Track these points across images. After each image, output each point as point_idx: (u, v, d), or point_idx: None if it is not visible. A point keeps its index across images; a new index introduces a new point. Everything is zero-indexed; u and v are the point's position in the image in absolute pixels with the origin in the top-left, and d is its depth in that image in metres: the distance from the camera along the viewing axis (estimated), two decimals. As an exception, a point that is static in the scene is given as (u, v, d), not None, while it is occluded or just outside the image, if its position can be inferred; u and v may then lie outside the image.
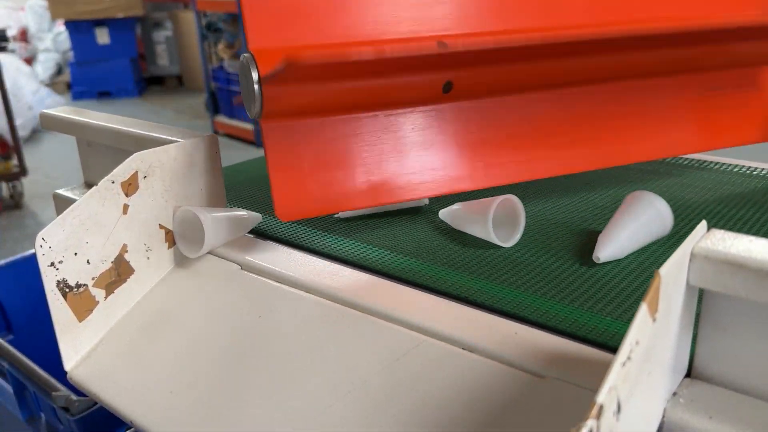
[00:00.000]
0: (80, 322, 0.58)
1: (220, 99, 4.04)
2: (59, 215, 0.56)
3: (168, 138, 0.66)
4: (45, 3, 5.16)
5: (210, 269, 0.64)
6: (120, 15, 4.97)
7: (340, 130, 0.62)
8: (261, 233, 0.69)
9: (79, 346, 0.58)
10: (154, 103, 5.02)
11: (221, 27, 4.08)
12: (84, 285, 0.58)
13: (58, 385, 0.84)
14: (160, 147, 0.62)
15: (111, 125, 0.74)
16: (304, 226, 0.69)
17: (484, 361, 0.46)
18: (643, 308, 0.32)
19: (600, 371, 0.43)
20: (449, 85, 0.63)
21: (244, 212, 0.67)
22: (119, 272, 0.61)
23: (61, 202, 0.82)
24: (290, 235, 0.67)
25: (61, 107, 0.84)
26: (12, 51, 5.24)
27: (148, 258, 0.63)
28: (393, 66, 0.59)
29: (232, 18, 4.00)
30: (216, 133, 3.82)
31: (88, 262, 0.58)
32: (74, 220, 0.56)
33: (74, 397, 0.81)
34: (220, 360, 0.54)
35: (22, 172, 3.03)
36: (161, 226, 0.64)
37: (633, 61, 0.71)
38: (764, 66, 0.80)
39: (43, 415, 0.92)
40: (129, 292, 0.62)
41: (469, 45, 0.57)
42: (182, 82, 5.60)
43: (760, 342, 0.37)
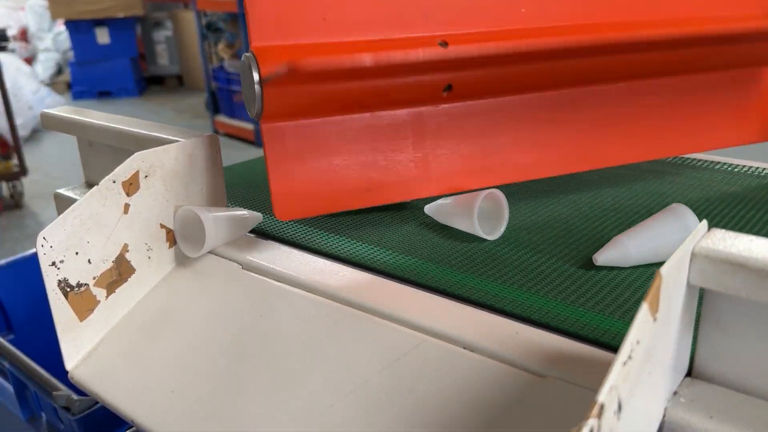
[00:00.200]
0: (81, 321, 0.58)
1: (221, 99, 4.04)
2: (60, 215, 0.56)
3: (169, 138, 0.66)
4: (45, 3, 5.16)
5: (211, 269, 0.64)
6: (120, 15, 4.97)
7: (340, 131, 0.62)
8: (262, 233, 0.69)
9: (80, 345, 0.58)
10: (155, 103, 5.02)
11: (221, 27, 4.08)
12: (85, 284, 0.58)
13: (59, 384, 0.84)
14: (161, 147, 0.62)
15: (112, 125, 0.74)
16: (305, 226, 0.69)
17: (485, 360, 0.46)
18: (644, 308, 0.32)
19: (601, 371, 0.43)
20: (449, 86, 0.63)
21: (244, 212, 0.67)
22: (120, 272, 0.61)
23: (62, 202, 0.82)
24: (291, 235, 0.67)
25: (61, 107, 0.84)
26: (12, 51, 5.24)
27: (149, 257, 0.63)
28: (393, 68, 0.59)
29: (232, 18, 4.00)
30: (216, 132, 3.81)
31: (89, 261, 0.58)
32: (75, 220, 0.56)
33: (75, 397, 0.81)
34: (221, 359, 0.54)
35: (23, 171, 3.03)
36: (162, 226, 0.64)
37: (634, 63, 0.71)
38: (764, 66, 0.80)
39: (43, 414, 0.92)
40: (130, 292, 0.62)
41: (469, 50, 0.57)
42: (182, 81, 5.60)
43: (761, 342, 0.37)
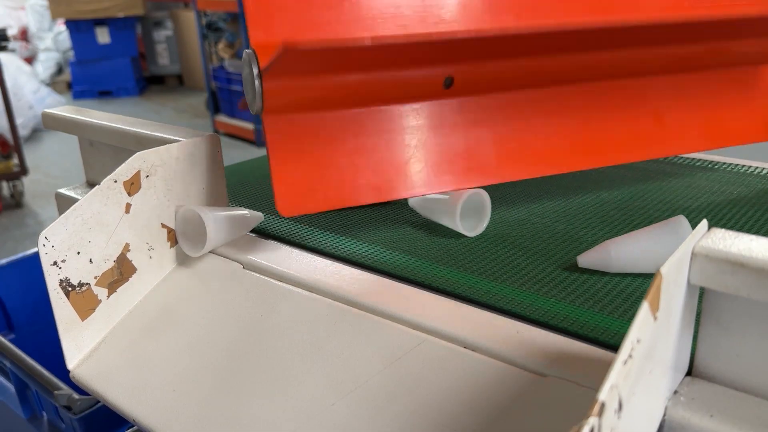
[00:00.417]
0: (83, 320, 0.58)
1: (221, 98, 4.04)
2: (61, 214, 0.56)
3: (170, 137, 0.66)
4: (45, 2, 5.16)
5: (212, 268, 0.64)
6: (120, 14, 4.98)
7: (342, 125, 0.62)
8: (262, 232, 0.69)
9: (82, 344, 0.59)
10: (155, 103, 5.02)
11: (222, 26, 4.08)
12: (86, 284, 0.58)
13: (60, 383, 0.84)
14: (163, 146, 0.62)
15: (113, 125, 0.74)
16: (306, 225, 0.70)
17: (486, 359, 0.46)
18: (645, 307, 0.32)
19: (601, 370, 0.43)
20: (450, 80, 0.63)
21: (245, 211, 0.67)
22: (121, 271, 0.61)
23: (63, 202, 0.82)
24: (292, 234, 0.67)
25: (62, 107, 0.84)
26: (12, 50, 5.23)
27: (150, 257, 0.63)
28: (392, 57, 0.58)
29: (232, 17, 4.01)
30: (216, 132, 3.82)
31: (90, 261, 0.58)
32: (77, 219, 0.57)
33: (76, 396, 0.81)
34: (222, 358, 0.54)
35: (23, 171, 3.04)
36: (163, 225, 0.64)
37: (637, 59, 0.71)
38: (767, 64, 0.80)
39: (45, 414, 0.92)
40: (131, 291, 0.62)
41: (469, 33, 0.56)
42: (182, 81, 5.60)
43: (761, 341, 0.37)
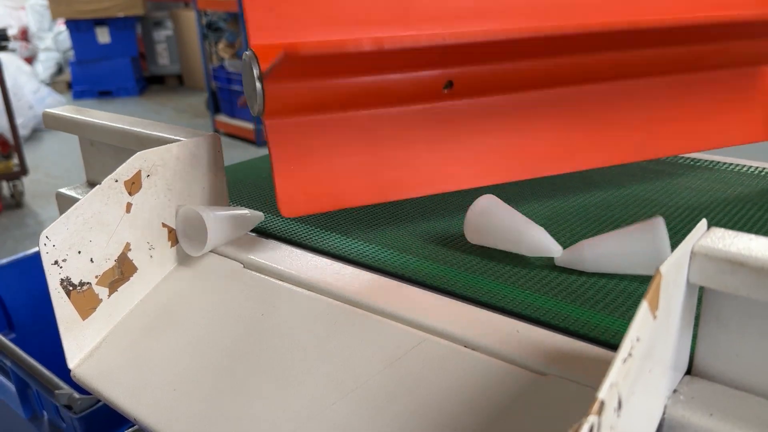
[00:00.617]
0: (84, 320, 0.58)
1: (221, 98, 4.05)
2: (62, 214, 0.56)
3: (170, 137, 0.66)
4: (45, 2, 5.16)
5: (212, 267, 0.64)
6: (120, 14, 4.98)
7: (343, 127, 0.62)
8: (263, 232, 0.69)
9: (83, 344, 0.59)
10: (155, 102, 5.02)
11: (222, 26, 4.08)
12: (87, 283, 0.58)
13: (60, 383, 0.85)
14: (163, 146, 0.63)
15: (114, 124, 0.74)
16: (306, 225, 0.70)
17: (486, 359, 0.46)
18: (644, 306, 0.32)
19: (601, 369, 0.43)
20: (450, 84, 0.63)
21: (246, 211, 0.67)
22: (122, 270, 0.61)
23: (64, 201, 0.82)
24: (292, 234, 0.68)
25: (63, 106, 0.84)
26: (12, 50, 5.23)
27: (151, 256, 0.63)
28: (392, 60, 0.59)
29: (232, 17, 4.01)
30: (216, 132, 3.82)
31: (91, 260, 0.58)
32: (78, 219, 0.57)
33: (77, 395, 0.82)
34: (222, 358, 0.54)
35: (23, 171, 3.04)
36: (164, 225, 0.64)
37: (636, 60, 0.71)
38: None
39: (45, 413, 0.92)
40: (132, 291, 0.62)
41: (468, 36, 0.56)
42: (183, 81, 5.60)
43: (760, 340, 0.37)
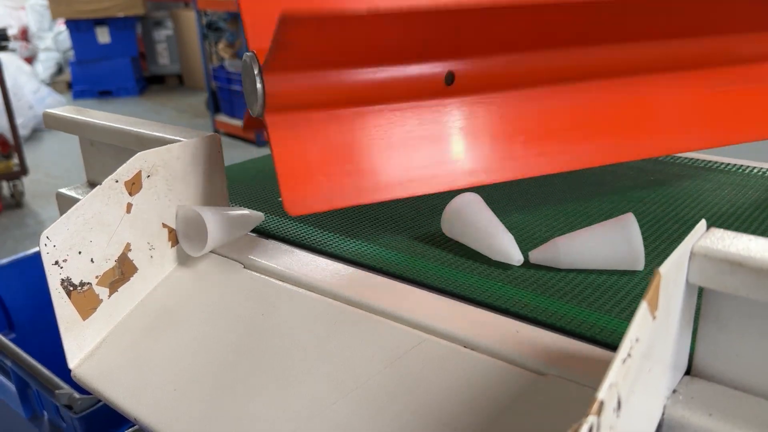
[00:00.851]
0: (84, 320, 0.58)
1: (221, 98, 4.05)
2: (63, 214, 0.56)
3: (171, 137, 0.67)
4: (45, 2, 5.16)
5: (213, 268, 0.64)
6: (120, 14, 4.98)
7: (345, 124, 0.61)
8: (263, 232, 0.69)
9: (83, 344, 0.59)
10: (155, 102, 5.02)
11: (222, 26, 4.09)
12: (88, 283, 0.58)
13: (61, 383, 0.85)
14: (164, 146, 0.63)
15: (114, 125, 0.74)
16: (306, 225, 0.70)
17: (486, 359, 0.46)
18: (644, 306, 0.32)
19: (600, 369, 0.43)
20: (451, 77, 0.63)
21: (246, 211, 0.67)
22: (123, 271, 0.61)
23: (64, 201, 0.82)
24: (292, 234, 0.68)
25: (63, 107, 0.85)
26: (13, 50, 5.23)
27: (151, 257, 0.63)
28: (393, 43, 0.58)
29: (232, 17, 4.01)
30: (217, 132, 3.82)
31: (92, 260, 0.58)
32: (78, 219, 0.57)
33: (77, 395, 0.82)
34: (223, 358, 0.55)
35: (23, 171, 3.04)
36: (164, 225, 0.64)
37: (641, 56, 0.70)
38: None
39: (45, 413, 0.92)
40: (132, 291, 0.62)
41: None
42: (183, 81, 5.60)
43: (760, 340, 0.38)
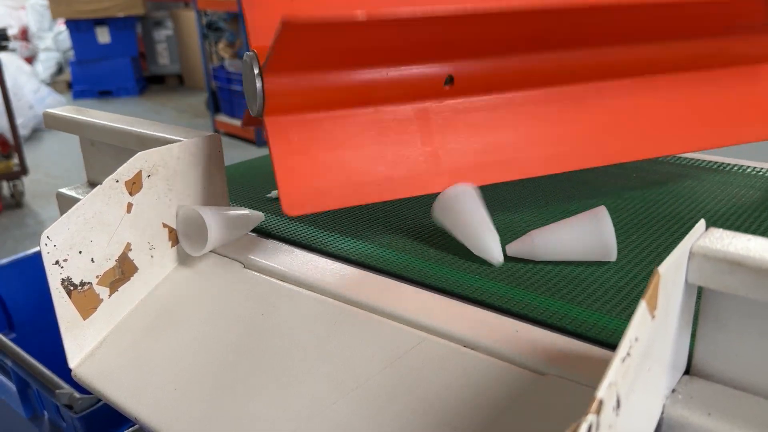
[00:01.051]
0: (84, 319, 0.58)
1: (221, 98, 4.05)
2: (63, 214, 0.56)
3: (171, 137, 0.67)
4: (45, 2, 5.16)
5: (213, 267, 0.64)
6: (120, 14, 4.98)
7: (344, 125, 0.62)
8: (263, 232, 0.69)
9: (84, 343, 0.59)
10: (155, 102, 5.02)
11: (222, 26, 4.09)
12: (88, 283, 0.58)
13: (61, 382, 0.85)
14: (164, 146, 0.63)
15: (115, 125, 0.74)
16: (306, 225, 0.70)
17: (486, 358, 0.47)
18: (643, 306, 0.32)
19: (600, 368, 0.43)
20: (450, 79, 0.63)
21: (246, 211, 0.67)
22: (123, 270, 0.61)
23: (65, 201, 0.83)
24: (292, 234, 0.68)
25: (64, 107, 0.85)
26: (13, 50, 5.23)
27: (151, 256, 0.63)
28: (392, 46, 0.58)
29: (232, 17, 4.01)
30: (217, 132, 3.82)
31: (92, 260, 0.58)
32: (79, 219, 0.57)
33: (77, 395, 0.82)
34: (223, 357, 0.55)
35: (23, 171, 3.04)
36: (165, 225, 0.64)
37: (641, 57, 0.70)
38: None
39: (46, 412, 0.92)
40: (133, 291, 0.62)
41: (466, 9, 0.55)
42: (183, 81, 5.60)
43: (759, 339, 0.38)
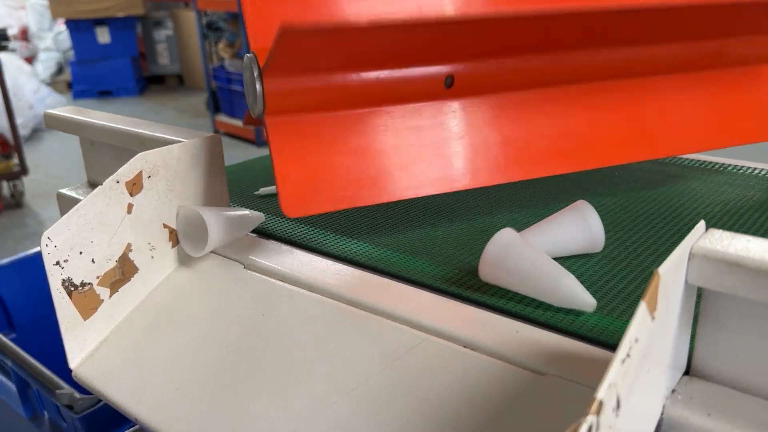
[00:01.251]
0: (85, 320, 0.59)
1: (221, 98, 4.05)
2: (64, 214, 0.56)
3: (171, 138, 0.67)
4: (45, 2, 5.16)
5: (213, 268, 0.64)
6: (120, 14, 4.98)
7: (344, 126, 0.61)
8: (263, 232, 0.69)
9: (84, 344, 0.59)
10: (155, 102, 5.02)
11: (222, 26, 4.09)
12: (89, 284, 0.58)
13: (61, 383, 0.85)
14: (165, 147, 0.63)
15: (114, 125, 0.75)
16: (307, 226, 0.70)
17: (486, 359, 0.47)
18: (642, 307, 0.32)
19: (599, 369, 0.43)
20: (451, 80, 0.63)
21: (246, 211, 0.67)
22: (123, 271, 0.61)
23: (65, 202, 0.83)
24: (292, 234, 0.68)
25: (64, 107, 0.85)
26: (13, 50, 5.23)
27: (152, 257, 0.63)
28: (392, 49, 0.58)
29: (232, 17, 4.01)
30: (217, 132, 3.82)
31: (92, 260, 0.58)
32: (79, 220, 0.57)
33: (78, 395, 0.82)
34: (223, 358, 0.55)
35: (23, 171, 3.04)
36: (165, 226, 0.64)
37: (641, 57, 0.70)
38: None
39: (46, 413, 0.92)
40: (133, 291, 0.62)
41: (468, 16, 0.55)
42: (183, 81, 5.60)
43: (759, 340, 0.38)
